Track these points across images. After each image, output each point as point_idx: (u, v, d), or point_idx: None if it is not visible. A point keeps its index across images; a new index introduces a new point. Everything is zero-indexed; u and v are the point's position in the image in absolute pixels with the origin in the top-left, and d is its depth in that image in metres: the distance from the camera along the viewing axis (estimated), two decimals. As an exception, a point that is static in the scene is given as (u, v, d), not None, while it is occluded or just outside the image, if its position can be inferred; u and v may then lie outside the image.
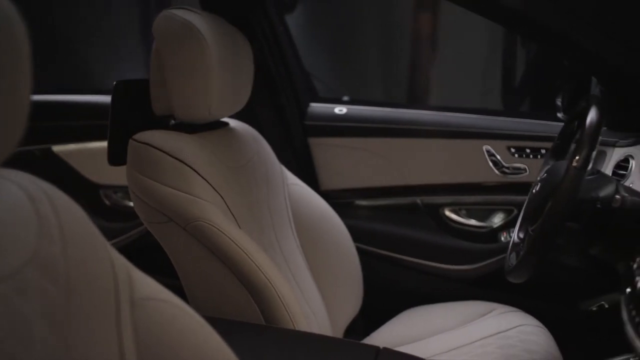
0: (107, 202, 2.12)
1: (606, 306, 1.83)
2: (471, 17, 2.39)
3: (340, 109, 1.95)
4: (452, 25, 2.44)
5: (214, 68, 1.20)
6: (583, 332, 1.84)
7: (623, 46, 1.49)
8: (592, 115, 1.12)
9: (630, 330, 0.92)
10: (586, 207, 1.17)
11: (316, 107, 1.96)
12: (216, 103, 1.24)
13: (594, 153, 1.09)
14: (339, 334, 1.61)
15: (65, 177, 2.05)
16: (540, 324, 1.52)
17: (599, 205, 1.17)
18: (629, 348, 1.12)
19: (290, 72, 1.88)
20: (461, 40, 2.45)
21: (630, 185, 1.31)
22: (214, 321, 0.71)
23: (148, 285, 0.67)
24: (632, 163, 1.48)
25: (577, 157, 1.07)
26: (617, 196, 1.15)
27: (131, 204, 2.11)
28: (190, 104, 1.21)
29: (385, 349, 1.06)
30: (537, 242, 1.12)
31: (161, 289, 0.68)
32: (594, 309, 1.84)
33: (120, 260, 0.64)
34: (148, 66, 1.28)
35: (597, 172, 1.23)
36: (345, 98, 2.09)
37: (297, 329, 1.16)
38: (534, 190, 1.32)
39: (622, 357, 1.12)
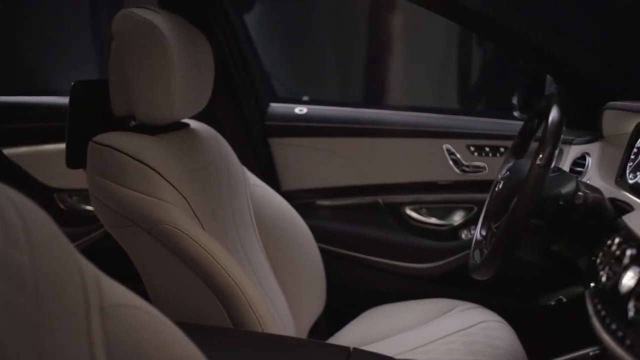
0: (62, 207, 2.05)
1: (564, 300, 1.87)
2: (428, 18, 2.43)
3: (300, 109, 1.94)
4: (409, 25, 2.46)
5: (176, 68, 1.18)
6: (543, 326, 1.88)
7: (579, 46, 1.52)
8: (554, 114, 1.14)
9: (596, 323, 0.94)
10: (549, 205, 1.19)
11: (276, 107, 1.95)
12: (178, 103, 1.21)
13: (557, 151, 1.11)
14: (302, 335, 1.60)
15: (17, 180, 1.97)
16: (502, 320, 1.55)
17: (561, 202, 1.20)
18: (592, 340, 1.15)
19: (250, 72, 1.86)
20: (418, 40, 2.48)
21: (588, 182, 1.34)
22: (182, 326, 0.69)
23: (118, 292, 0.64)
24: (589, 160, 1.52)
25: (540, 156, 1.09)
26: (580, 193, 1.18)
27: (88, 207, 2.07)
28: (152, 105, 1.18)
29: (355, 349, 1.06)
30: (502, 239, 1.13)
31: (131, 296, 0.66)
32: (553, 303, 1.89)
33: (89, 267, 0.61)
34: (101, 66, 1.24)
35: (559, 170, 1.26)
36: (305, 98, 2.09)
37: (265, 331, 1.15)
38: (496, 189, 1.33)
39: (587, 350, 1.14)
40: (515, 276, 1.21)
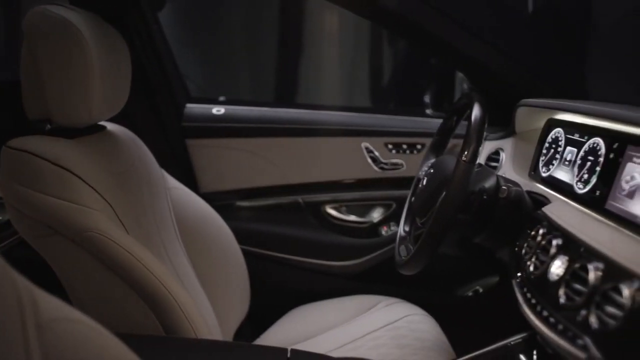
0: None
1: (481, 291, 1.95)
2: (340, 18, 2.46)
3: (218, 110, 1.90)
4: (322, 25, 2.47)
5: (95, 67, 1.11)
6: (464, 317, 1.95)
7: (492, 48, 1.59)
8: (476, 112, 1.17)
9: (527, 310, 0.98)
10: (474, 199, 1.24)
11: (193, 107, 1.89)
12: (97, 105, 1.15)
13: (481, 147, 1.15)
14: (228, 338, 1.57)
15: None
16: (425, 312, 1.59)
17: (485, 197, 1.24)
18: (514, 329, 1.20)
19: (166, 72, 1.80)
20: (331, 40, 2.50)
21: (503, 175, 1.39)
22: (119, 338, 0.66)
23: (55, 306, 0.60)
24: (503, 155, 1.60)
25: (466, 152, 1.12)
26: (504, 187, 1.23)
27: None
28: (70, 107, 1.11)
29: (293, 350, 1.05)
30: (431, 234, 1.15)
31: (70, 309, 0.62)
32: (470, 294, 1.96)
33: (22, 281, 0.57)
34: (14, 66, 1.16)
35: (480, 166, 1.30)
36: (222, 98, 2.04)
37: (198, 337, 1.11)
38: (420, 185, 1.36)
39: (516, 337, 1.18)
40: (434, 269, 1.24)
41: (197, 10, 2.42)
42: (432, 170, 1.33)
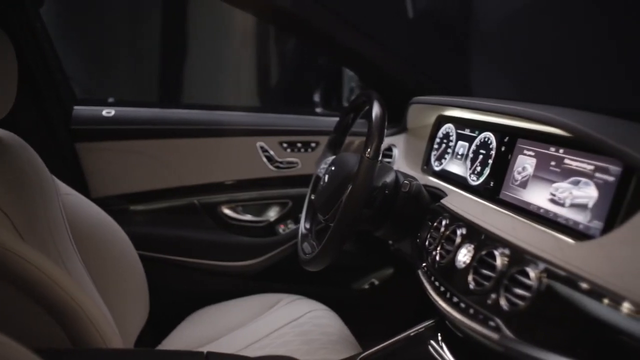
0: None
1: (377, 283, 2.02)
2: (227, 18, 2.44)
3: (108, 111, 1.80)
4: (209, 26, 2.44)
5: None
6: (363, 309, 2.00)
7: (382, 48, 1.65)
8: (376, 110, 1.21)
9: (437, 298, 1.03)
10: (377, 194, 1.28)
11: (81, 110, 1.78)
12: None
13: (383, 144, 1.19)
14: (129, 346, 1.51)
15: None
16: (327, 307, 1.61)
17: (387, 191, 1.28)
18: (422, 316, 1.25)
19: (52, 73, 1.68)
20: (218, 40, 2.47)
21: (399, 170, 1.45)
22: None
23: None
24: (395, 151, 1.66)
25: (369, 149, 1.15)
26: (406, 182, 1.27)
27: None
28: None
29: (210, 353, 1.03)
30: (338, 230, 1.18)
31: None
32: (367, 287, 2.02)
33: None
34: None
35: (380, 162, 1.34)
36: (111, 99, 1.94)
37: (109, 347, 1.06)
38: (322, 183, 1.37)
39: (424, 324, 1.23)
40: (332, 265, 1.27)
41: (76, 8, 2.29)
42: (333, 168, 1.35)
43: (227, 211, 1.96)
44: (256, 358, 1.10)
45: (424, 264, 1.15)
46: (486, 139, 1.23)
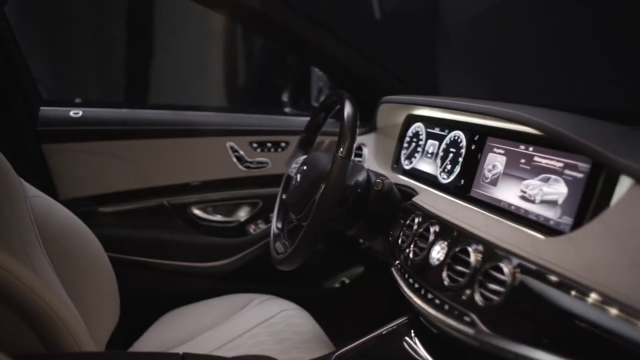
0: None
1: (347, 282, 2.03)
2: (192, 17, 2.42)
3: (75, 112, 1.77)
4: (175, 25, 2.42)
5: None
6: (334, 307, 2.01)
7: (351, 48, 1.67)
8: (348, 109, 1.21)
9: (411, 294, 1.04)
10: (349, 193, 1.29)
11: (48, 111, 1.75)
12: None
13: (355, 143, 1.19)
14: (101, 348, 1.49)
15: None
16: (298, 306, 1.61)
17: (359, 190, 1.29)
18: (395, 313, 1.26)
19: (17, 73, 1.64)
20: (185, 40, 2.45)
21: (369, 169, 1.46)
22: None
23: None
24: (365, 150, 1.68)
25: (341, 149, 1.16)
26: (378, 180, 1.29)
27: None
28: None
29: (186, 354, 1.02)
30: (311, 229, 1.18)
31: None
32: (337, 285, 2.03)
33: None
34: None
35: (352, 161, 1.34)
36: (78, 100, 1.91)
37: (83, 350, 1.05)
38: (294, 182, 1.38)
39: (397, 322, 1.23)
40: (303, 264, 1.27)
41: (41, 7, 2.24)
42: (305, 167, 1.35)
43: (197, 212, 1.95)
44: (233, 358, 1.10)
45: (397, 262, 1.16)
46: (456, 138, 1.25)
